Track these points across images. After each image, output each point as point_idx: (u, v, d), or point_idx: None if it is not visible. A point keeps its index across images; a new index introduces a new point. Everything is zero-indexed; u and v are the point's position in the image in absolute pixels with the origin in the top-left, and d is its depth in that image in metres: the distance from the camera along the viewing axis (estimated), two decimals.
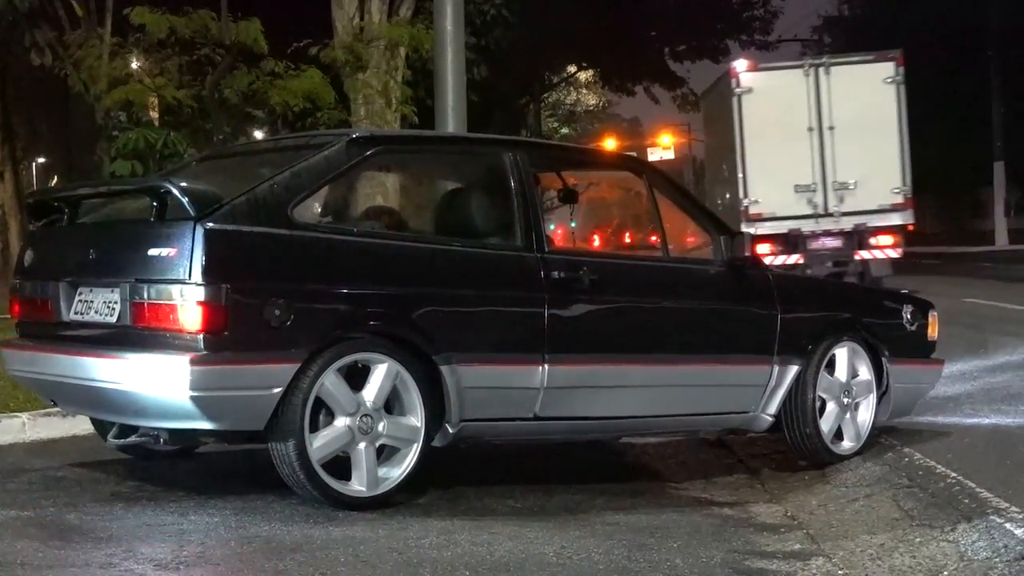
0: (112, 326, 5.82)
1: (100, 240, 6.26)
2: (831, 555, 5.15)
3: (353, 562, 4.96)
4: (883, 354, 7.43)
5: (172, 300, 5.45)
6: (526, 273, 6.27)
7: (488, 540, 5.32)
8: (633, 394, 6.68)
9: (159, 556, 5.02)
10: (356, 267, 5.92)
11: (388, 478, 5.86)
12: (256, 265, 5.64)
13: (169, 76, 15.95)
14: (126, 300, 5.68)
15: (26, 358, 6.52)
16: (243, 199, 5.66)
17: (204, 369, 5.37)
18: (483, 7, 25.05)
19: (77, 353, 5.98)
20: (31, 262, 6.60)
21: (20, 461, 7.33)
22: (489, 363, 6.08)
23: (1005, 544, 4.93)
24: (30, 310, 6.57)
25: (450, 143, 7.97)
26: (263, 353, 5.51)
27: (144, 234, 5.77)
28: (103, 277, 5.93)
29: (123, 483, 6.59)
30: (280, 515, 5.76)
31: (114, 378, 5.72)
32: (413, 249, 6.32)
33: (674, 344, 6.85)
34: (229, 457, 7.27)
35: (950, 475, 6.23)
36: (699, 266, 7.19)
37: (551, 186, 6.97)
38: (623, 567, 4.95)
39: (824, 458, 7.08)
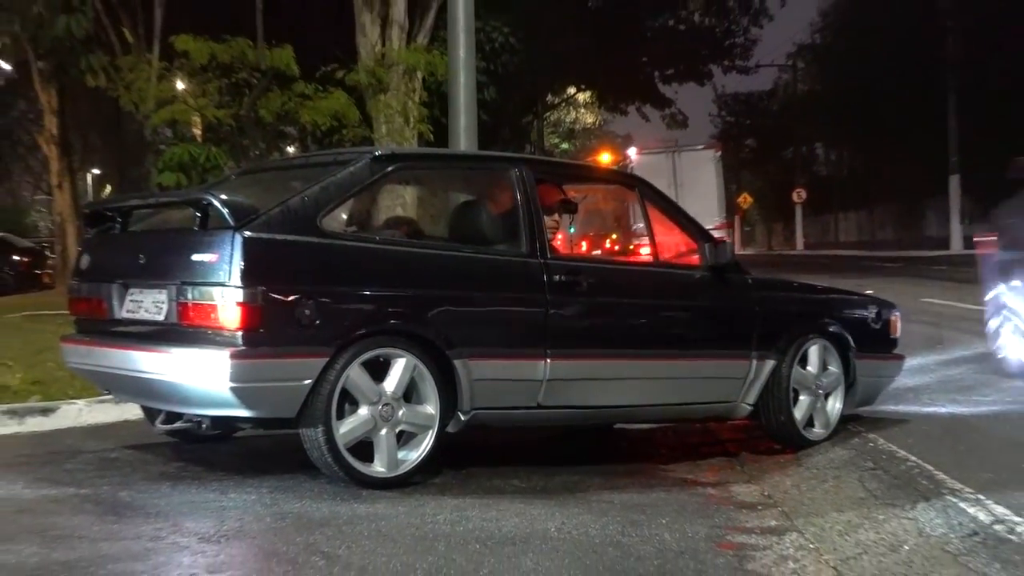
0: (160, 323, 5.84)
1: (149, 246, 6.32)
2: (803, 530, 5.15)
3: (375, 536, 4.97)
4: (850, 350, 7.45)
5: (213, 301, 5.47)
6: (530, 277, 6.30)
7: (496, 516, 5.33)
8: (626, 386, 6.69)
9: (202, 530, 5.03)
10: (378, 271, 5.93)
11: (407, 460, 5.88)
12: (288, 269, 5.65)
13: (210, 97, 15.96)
14: (172, 300, 5.71)
15: (83, 352, 6.53)
16: (277, 210, 5.69)
17: (242, 363, 5.40)
18: (492, 35, 25.07)
19: (129, 347, 6.00)
20: (87, 266, 6.65)
21: (77, 444, 7.35)
22: (497, 358, 6.11)
23: (959, 521, 4.94)
24: (86, 309, 6.59)
25: (462, 160, 8.00)
26: (294, 348, 5.54)
27: (189, 241, 5.80)
28: (152, 279, 5.97)
29: (170, 464, 6.61)
30: (310, 493, 5.77)
31: (162, 370, 5.75)
32: (429, 255, 6.33)
33: (663, 341, 6.88)
34: (265, 441, 7.29)
35: (910, 459, 6.25)
36: (685, 270, 7.21)
37: (553, 198, 6.94)
38: (617, 541, 4.96)
39: (797, 443, 7.12)
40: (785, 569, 4.57)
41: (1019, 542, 4.55)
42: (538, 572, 4.44)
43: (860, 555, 4.69)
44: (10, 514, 5.38)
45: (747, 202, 60.66)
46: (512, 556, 4.65)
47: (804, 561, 4.68)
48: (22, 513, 5.40)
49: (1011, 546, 4.51)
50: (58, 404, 8.20)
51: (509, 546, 4.82)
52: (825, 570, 4.54)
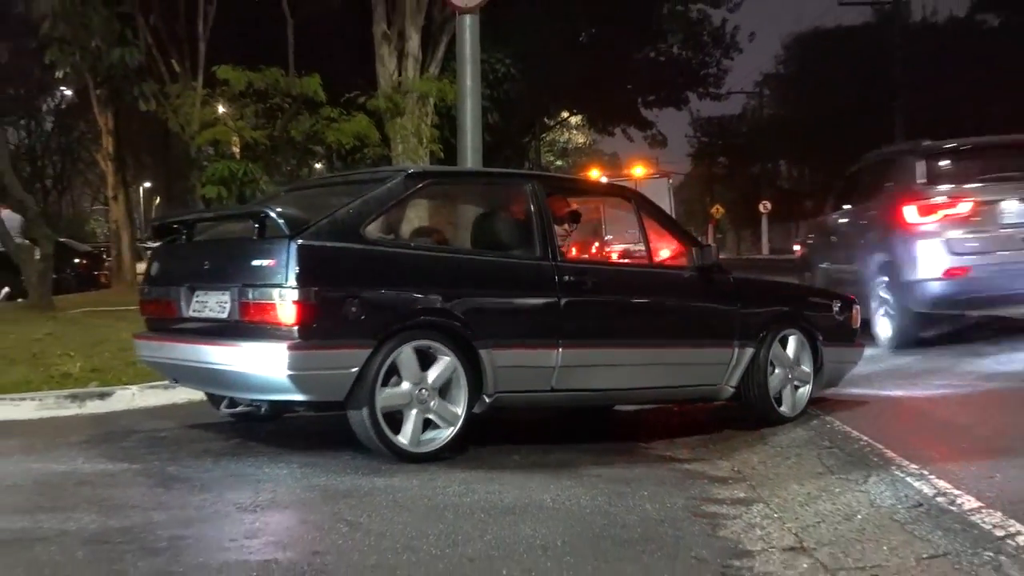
0: (224, 321, 5.94)
1: (213, 253, 6.46)
2: (768, 501, 5.15)
3: (392, 506, 4.97)
4: (818, 339, 7.57)
5: (272, 300, 5.58)
6: (544, 277, 6.41)
7: (499, 489, 5.32)
8: (626, 371, 6.78)
9: (240, 500, 5.04)
10: (413, 273, 6.04)
11: (431, 441, 5.95)
12: (337, 272, 5.76)
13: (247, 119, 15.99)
14: (235, 300, 5.81)
15: (154, 346, 6.66)
16: (325, 221, 5.82)
17: (298, 354, 5.51)
18: (496, 66, 25.06)
19: (197, 342, 6.12)
20: (156, 272, 6.78)
21: (131, 424, 7.35)
22: (516, 347, 6.20)
23: (906, 494, 4.93)
24: (156, 309, 6.72)
25: (482, 176, 8.06)
26: (343, 340, 5.66)
27: (249, 249, 5.90)
28: (216, 282, 6.09)
29: (212, 442, 6.61)
30: (335, 468, 5.77)
31: (229, 361, 5.87)
32: (457, 259, 6.48)
33: (657, 332, 6.96)
34: (296, 422, 7.30)
35: (863, 438, 6.23)
36: (676, 271, 7.29)
37: (562, 210, 7.05)
38: (605, 511, 4.95)
39: (772, 419, 7.21)
40: (752, 536, 4.57)
41: (958, 512, 4.54)
42: (535, 538, 4.43)
43: (818, 523, 4.69)
44: (71, 486, 5.39)
45: (719, 212, 60.56)
46: (512, 524, 4.65)
47: (769, 529, 4.67)
48: (82, 485, 5.41)
49: (951, 516, 4.50)
50: (114, 389, 8.21)
51: (510, 515, 4.82)
52: (787, 537, 4.53)
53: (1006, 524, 4.30)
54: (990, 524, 4.32)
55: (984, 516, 4.44)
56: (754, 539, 4.52)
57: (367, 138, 15.52)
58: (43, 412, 7.79)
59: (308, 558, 4.13)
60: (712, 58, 44.66)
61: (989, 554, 3.99)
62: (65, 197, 58.47)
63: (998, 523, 4.32)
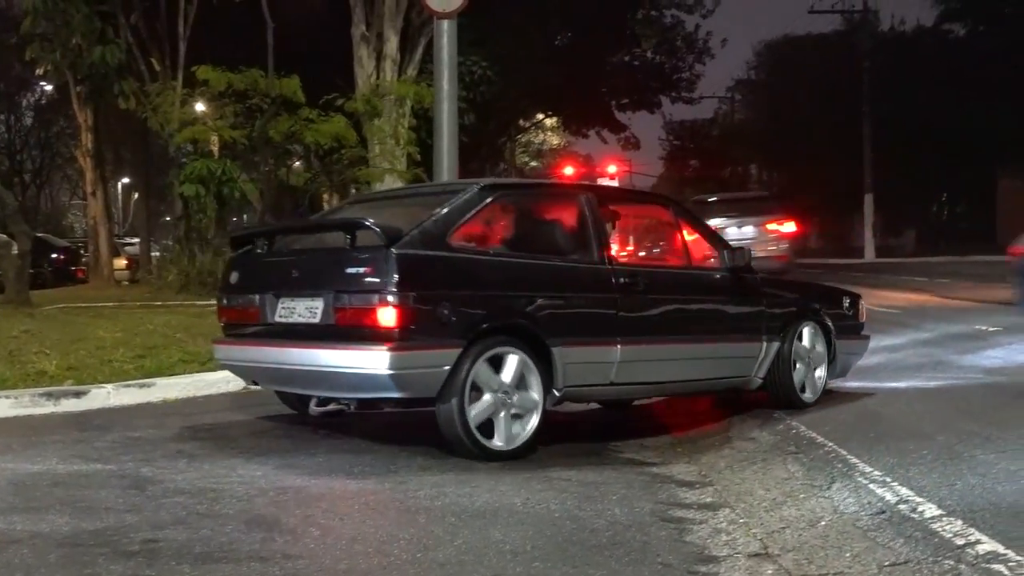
0: (315, 325, 6.13)
1: (302, 262, 6.61)
2: (735, 506, 5.15)
3: (364, 509, 4.95)
4: (831, 332, 8.10)
5: (372, 305, 5.81)
6: (602, 280, 6.75)
7: (470, 492, 5.31)
8: (674, 365, 7.16)
9: (213, 503, 5.00)
10: (494, 278, 6.33)
11: (520, 435, 6.15)
12: (429, 278, 5.99)
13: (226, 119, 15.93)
14: (329, 306, 6.03)
15: (236, 351, 6.86)
16: (416, 231, 6.05)
17: (398, 354, 5.71)
18: (472, 69, 25.06)
19: (290, 346, 6.29)
20: (237, 280, 6.90)
21: (106, 423, 7.29)
22: (582, 345, 6.49)
23: (869, 500, 4.95)
24: (237, 316, 6.89)
25: (543, 187, 8.38)
26: (436, 341, 5.88)
27: (345, 258, 6.10)
28: (305, 289, 6.29)
29: (187, 443, 6.56)
30: (308, 471, 5.75)
31: (329, 362, 6.03)
32: (530, 264, 6.62)
33: (698, 328, 7.36)
34: (269, 423, 7.26)
35: (827, 445, 6.24)
36: (712, 271, 7.70)
37: (611, 217, 7.42)
38: (574, 515, 4.95)
39: (797, 405, 7.69)
40: (718, 541, 4.57)
41: (920, 520, 4.56)
42: (505, 543, 4.42)
43: (783, 529, 4.69)
44: (45, 487, 5.34)
45: None
46: (483, 528, 4.64)
47: (735, 534, 4.68)
48: (56, 486, 5.36)
49: (913, 523, 4.52)
50: (89, 388, 8.14)
51: (480, 519, 4.80)
52: (753, 542, 4.53)
53: (966, 532, 4.32)
54: (951, 532, 4.34)
55: (945, 524, 4.46)
56: (720, 544, 4.52)
57: (345, 139, 15.49)
58: (18, 410, 7.72)
59: (280, 562, 4.10)
60: (685, 63, 44.77)
61: (949, 562, 4.00)
62: (43, 192, 58.02)
63: (958, 531, 4.35)
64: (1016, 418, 6.94)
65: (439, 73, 13.31)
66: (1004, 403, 7.65)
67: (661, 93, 45.47)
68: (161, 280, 19.97)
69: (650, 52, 43.58)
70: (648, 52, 43.54)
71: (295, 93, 14.61)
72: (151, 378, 8.58)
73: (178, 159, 21.08)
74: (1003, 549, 4.11)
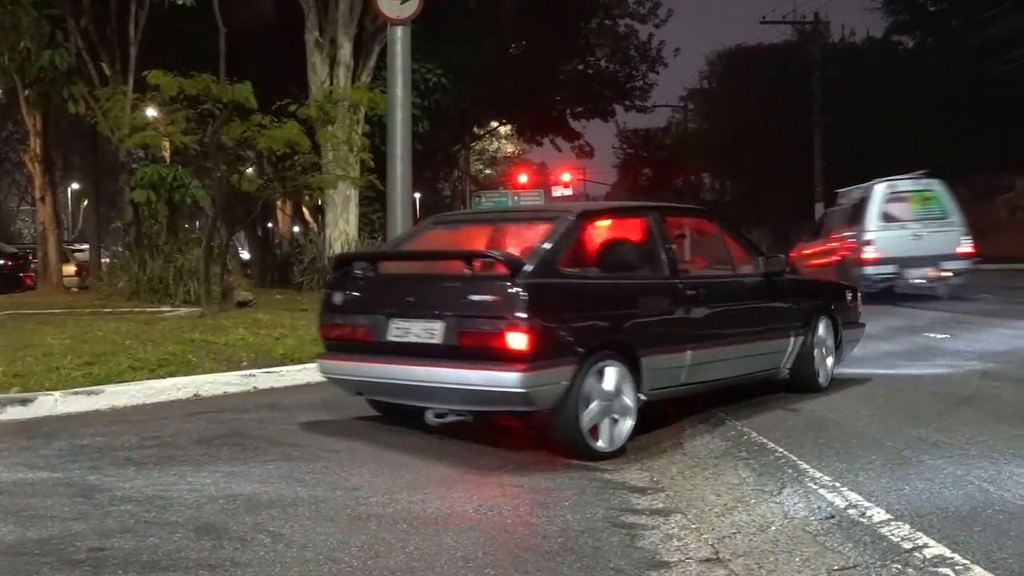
0: (436, 345, 6.50)
1: (420, 287, 7.03)
2: (686, 512, 5.17)
3: (315, 516, 4.92)
4: (839, 323, 9.13)
5: (501, 329, 6.21)
6: (675, 293, 7.38)
7: (422, 499, 5.29)
8: (726, 364, 7.84)
9: (162, 511, 4.95)
10: (597, 299, 6.87)
11: (618, 436, 6.63)
12: (550, 304, 6.39)
13: (178, 125, 15.76)
14: (452, 329, 6.43)
15: (344, 366, 7.17)
16: (536, 261, 6.51)
17: (529, 374, 6.13)
18: (427, 76, 25.03)
19: (411, 363, 6.61)
20: (343, 301, 7.22)
21: (53, 431, 7.19)
22: (663, 353, 7.07)
23: (819, 505, 4.99)
24: (342, 334, 7.21)
25: (621, 210, 8.63)
26: (557, 360, 6.29)
27: (470, 285, 6.53)
28: (422, 311, 6.69)
29: (135, 450, 6.48)
30: (259, 478, 5.70)
31: (459, 379, 6.39)
32: (620, 284, 7.17)
33: (745, 330, 8.09)
34: (220, 428, 7.19)
35: (778, 450, 6.30)
36: (751, 277, 8.41)
37: (674, 233, 8.11)
38: (526, 521, 4.95)
39: (816, 390, 8.69)
40: (670, 547, 4.58)
41: (868, 524, 4.60)
42: (457, 549, 4.41)
43: (734, 534, 4.72)
44: None
45: None
46: (435, 535, 4.63)
47: (687, 539, 4.69)
48: (0, 495, 5.26)
49: (862, 528, 4.56)
50: (36, 395, 8.02)
51: (432, 526, 4.79)
52: (704, 547, 4.55)
53: (914, 537, 4.37)
54: (899, 536, 4.40)
55: (893, 528, 4.51)
56: (671, 550, 4.53)
57: (298, 145, 15.38)
58: None
59: (229, 570, 4.07)
60: (638, 72, 45.07)
61: (897, 566, 4.05)
62: None
63: (906, 535, 4.40)
64: (963, 424, 7.03)
65: (393, 80, 13.29)
66: (950, 409, 7.75)
67: (615, 101, 45.72)
68: (111, 287, 19.74)
69: (604, 61, 43.87)
70: (602, 61, 43.82)
71: (247, 99, 14.45)
72: (99, 385, 8.46)
73: (129, 164, 20.86)
74: (950, 553, 4.16)
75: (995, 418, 7.27)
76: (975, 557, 4.12)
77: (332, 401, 8.16)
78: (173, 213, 19.22)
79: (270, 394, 9.01)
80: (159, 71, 14.53)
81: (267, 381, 9.38)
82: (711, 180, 69.55)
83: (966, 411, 7.64)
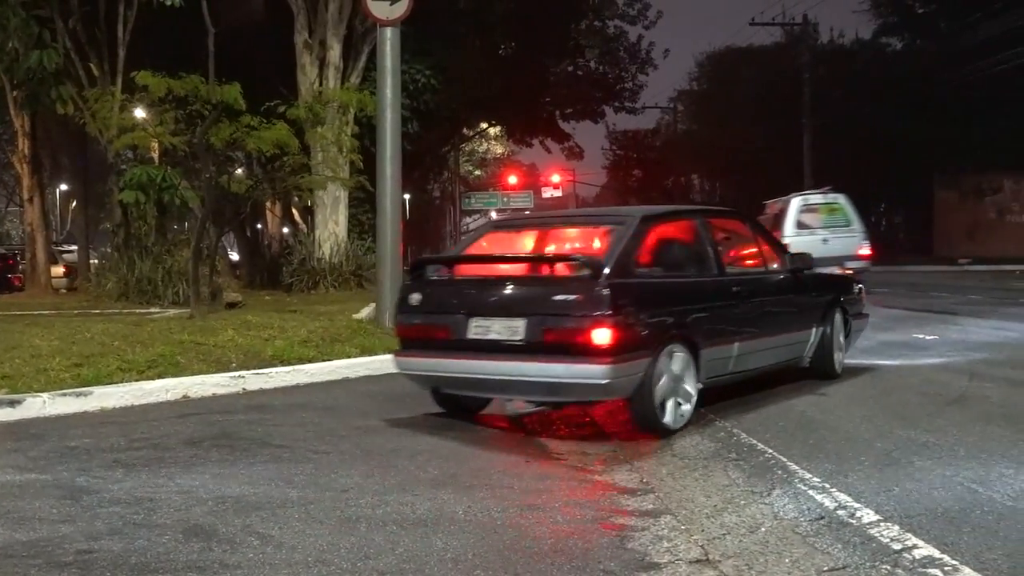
0: (518, 342, 7.01)
1: (502, 288, 7.44)
2: (676, 513, 5.16)
3: (305, 518, 4.91)
4: (849, 315, 9.85)
5: (586, 326, 6.74)
6: (725, 290, 8.13)
7: (411, 501, 5.28)
8: (763, 354, 8.50)
9: (151, 513, 4.93)
10: (665, 297, 7.51)
11: (682, 417, 7.32)
12: (628, 302, 6.96)
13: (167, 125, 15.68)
14: (536, 326, 6.94)
15: (423, 362, 7.64)
16: (614, 263, 7.05)
17: (612, 366, 6.71)
18: (416, 77, 25.01)
19: (493, 359, 7.11)
20: (419, 302, 7.68)
21: (41, 432, 7.17)
22: (717, 345, 7.73)
23: (808, 506, 5.00)
24: (422, 332, 7.66)
25: (676, 213, 9.04)
26: (635, 353, 6.89)
27: (554, 286, 7.13)
28: (503, 310, 7.20)
29: (124, 452, 6.46)
30: (248, 479, 5.69)
31: (544, 373, 6.92)
32: (682, 283, 7.99)
33: (779, 322, 8.80)
34: (210, 430, 7.17)
35: (767, 451, 6.31)
36: (781, 274, 9.08)
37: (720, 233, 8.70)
38: (516, 523, 4.94)
39: (832, 377, 9.41)
40: (660, 548, 4.57)
41: (858, 525, 4.61)
42: (447, 551, 4.40)
43: (724, 535, 4.72)
44: None
45: None
46: (424, 536, 4.62)
47: (676, 541, 4.69)
48: None
49: (851, 529, 4.57)
50: (24, 397, 7.99)
51: (422, 527, 4.78)
52: (694, 549, 4.55)
53: (903, 538, 4.38)
54: (888, 537, 4.40)
55: (882, 529, 4.52)
56: (661, 551, 4.53)
57: (287, 146, 15.32)
58: None
59: (218, 572, 4.06)
60: (628, 73, 45.04)
61: (886, 567, 4.05)
62: None
63: (896, 536, 4.41)
64: (952, 425, 7.05)
65: (382, 81, 13.28)
66: (939, 410, 7.77)
67: (604, 103, 45.68)
68: (100, 288, 19.67)
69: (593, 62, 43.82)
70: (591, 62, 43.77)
71: (236, 100, 14.40)
72: (88, 387, 8.44)
73: (117, 165, 20.82)
74: (939, 554, 4.17)
75: (984, 419, 7.29)
76: (964, 558, 4.13)
77: (321, 403, 8.15)
78: (162, 214, 19.18)
79: (259, 395, 8.99)
80: (147, 72, 14.47)
81: (256, 383, 9.37)
82: (700, 181, 69.64)
83: (955, 412, 7.66)
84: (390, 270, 13.05)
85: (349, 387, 9.62)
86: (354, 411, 8.10)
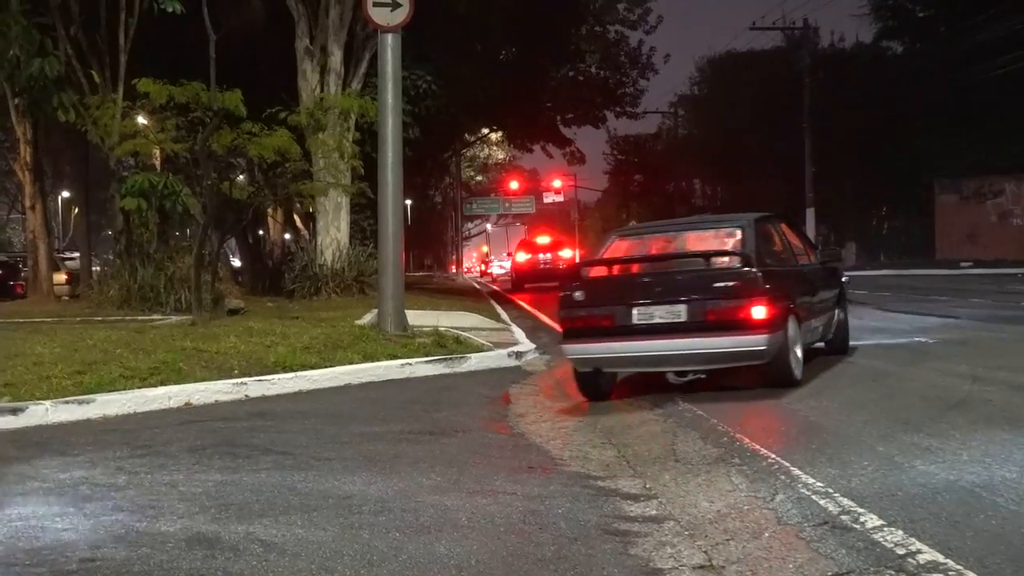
0: (681, 323, 8.57)
1: (662, 281, 9.02)
2: (679, 519, 5.15)
3: (307, 525, 4.90)
4: (845, 300, 11.69)
5: (744, 305, 8.46)
6: (805, 275, 10.14)
7: (415, 507, 5.28)
8: (819, 329, 10.36)
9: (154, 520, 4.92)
10: (785, 280, 9.27)
11: (800, 372, 9.05)
12: (770, 285, 8.67)
13: (168, 132, 15.71)
14: (697, 308, 8.55)
15: (586, 347, 8.95)
16: (754, 255, 8.89)
17: (770, 335, 8.48)
18: (417, 82, 24.99)
19: (656, 339, 8.63)
20: (583, 297, 9.03)
21: (44, 440, 7.17)
22: (807, 319, 9.59)
23: (811, 511, 4.98)
24: (588, 322, 8.95)
25: (767, 218, 10.41)
26: (779, 324, 8.61)
27: (713, 275, 8.81)
28: (664, 298, 8.72)
29: (127, 459, 6.46)
30: (251, 486, 5.68)
31: (712, 346, 8.50)
32: (789, 271, 9.74)
33: (826, 304, 10.62)
34: (213, 438, 7.17)
35: (771, 456, 6.28)
36: (817, 265, 10.85)
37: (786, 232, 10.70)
38: (519, 529, 4.93)
39: (847, 352, 11.22)
40: (663, 554, 4.57)
41: (862, 530, 4.60)
42: (450, 558, 4.40)
43: (728, 541, 4.71)
44: None
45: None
46: (427, 543, 4.61)
47: (680, 547, 4.68)
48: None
49: (855, 534, 4.56)
50: (27, 404, 8.00)
51: (425, 534, 4.77)
52: (697, 555, 4.54)
53: (907, 542, 4.37)
54: (892, 542, 4.39)
55: (886, 534, 4.50)
56: (665, 557, 4.52)
57: (288, 152, 15.35)
58: None
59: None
60: (629, 78, 45.12)
61: (891, 572, 4.04)
62: None
63: (900, 541, 4.39)
64: (955, 429, 7.02)
65: (383, 86, 13.28)
66: (942, 414, 7.74)
67: (605, 108, 45.74)
68: (102, 295, 19.65)
69: (594, 67, 43.88)
70: (592, 67, 43.83)
71: (237, 106, 14.43)
72: (90, 394, 8.45)
73: (119, 172, 20.79)
74: (943, 559, 4.16)
75: (987, 423, 7.27)
76: (968, 563, 4.11)
77: (323, 409, 8.15)
78: (164, 221, 19.18)
79: (262, 402, 8.99)
80: (148, 79, 14.50)
81: (259, 389, 9.37)
82: (702, 186, 69.60)
83: (958, 416, 7.63)
84: (392, 276, 13.04)
85: (351, 394, 9.63)
86: (356, 418, 8.10)
